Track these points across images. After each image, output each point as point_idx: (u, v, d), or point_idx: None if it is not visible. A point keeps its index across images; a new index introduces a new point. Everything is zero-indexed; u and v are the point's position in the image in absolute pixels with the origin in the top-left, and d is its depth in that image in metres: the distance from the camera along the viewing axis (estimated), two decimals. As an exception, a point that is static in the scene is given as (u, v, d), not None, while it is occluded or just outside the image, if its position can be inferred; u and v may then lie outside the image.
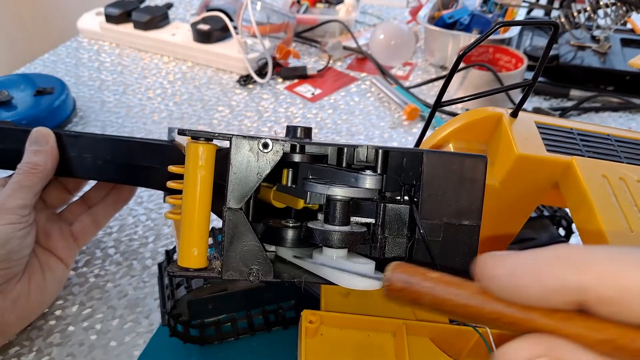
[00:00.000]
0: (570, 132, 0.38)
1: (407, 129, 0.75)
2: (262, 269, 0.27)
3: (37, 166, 0.42)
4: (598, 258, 0.17)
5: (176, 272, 0.26)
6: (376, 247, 0.28)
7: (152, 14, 0.91)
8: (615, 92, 0.79)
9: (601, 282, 0.17)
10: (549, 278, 0.18)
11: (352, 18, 0.98)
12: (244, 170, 0.26)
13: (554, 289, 0.18)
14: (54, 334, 0.46)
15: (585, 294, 0.17)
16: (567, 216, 0.50)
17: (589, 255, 0.17)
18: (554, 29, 0.32)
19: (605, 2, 0.75)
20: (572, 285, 0.17)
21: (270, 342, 0.45)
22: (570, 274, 0.17)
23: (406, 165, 0.28)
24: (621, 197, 0.33)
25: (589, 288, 0.17)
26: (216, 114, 0.77)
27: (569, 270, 0.17)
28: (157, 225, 0.57)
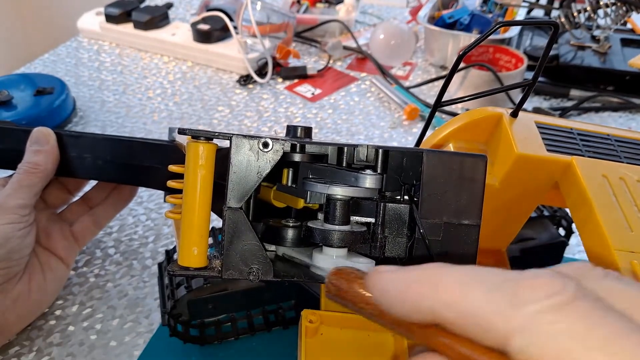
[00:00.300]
0: (570, 132, 0.38)
1: (407, 129, 0.75)
2: (262, 268, 0.27)
3: (37, 166, 0.42)
4: (449, 282, 0.18)
5: (176, 271, 0.26)
6: (376, 246, 0.28)
7: (152, 14, 0.92)
8: (615, 92, 0.79)
9: (446, 307, 0.18)
10: (408, 299, 0.19)
11: (352, 18, 0.98)
12: (244, 169, 0.26)
13: (413, 310, 0.19)
14: (54, 334, 0.46)
15: (436, 316, 0.18)
16: (567, 216, 0.50)
17: (441, 278, 0.18)
18: (554, 29, 0.32)
19: (605, 2, 0.75)
20: (425, 307, 0.18)
21: (270, 342, 0.45)
22: (423, 297, 0.18)
23: (406, 165, 0.28)
24: (621, 197, 0.33)
25: (437, 311, 0.18)
26: (216, 114, 0.77)
27: (423, 294, 0.18)
28: (157, 225, 0.57)
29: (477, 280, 0.18)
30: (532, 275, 0.17)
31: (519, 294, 0.16)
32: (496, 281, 0.17)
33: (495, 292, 0.17)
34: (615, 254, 0.29)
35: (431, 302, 0.18)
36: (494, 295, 0.17)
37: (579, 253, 0.53)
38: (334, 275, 0.22)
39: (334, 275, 0.22)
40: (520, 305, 0.16)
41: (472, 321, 0.17)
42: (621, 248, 0.29)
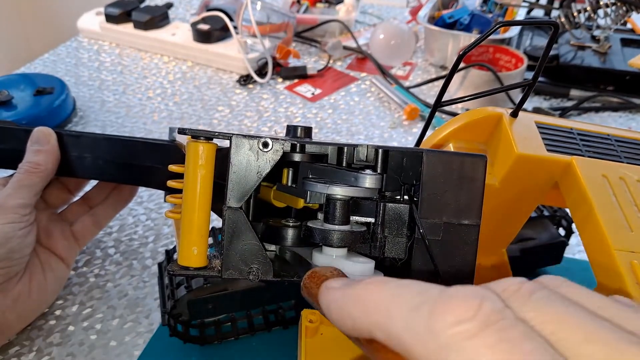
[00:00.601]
0: (570, 132, 0.38)
1: (407, 128, 0.75)
2: (262, 268, 0.27)
3: (38, 166, 0.42)
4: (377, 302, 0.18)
5: (176, 271, 0.26)
6: (376, 246, 0.28)
7: (152, 14, 0.92)
8: (615, 92, 0.79)
9: (376, 328, 0.18)
10: (346, 318, 0.19)
11: (352, 18, 0.98)
12: (244, 169, 0.26)
13: (351, 328, 0.19)
14: (54, 334, 0.46)
15: (371, 335, 0.18)
16: (567, 216, 0.50)
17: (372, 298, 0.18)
18: (554, 29, 0.32)
19: (605, 2, 0.75)
20: (360, 327, 0.19)
21: (270, 342, 0.45)
22: (358, 317, 0.19)
23: (406, 165, 0.28)
24: (621, 197, 0.33)
25: (371, 331, 0.18)
26: (216, 114, 0.77)
27: (358, 313, 0.19)
28: (157, 225, 0.57)
29: (401, 301, 0.17)
30: (447, 298, 0.16)
31: (434, 318, 0.16)
32: (416, 302, 0.17)
33: (414, 315, 0.17)
34: (615, 253, 0.29)
35: (365, 322, 0.18)
36: (413, 319, 0.17)
37: (579, 253, 0.53)
38: (307, 278, 0.23)
39: (307, 277, 0.23)
40: (435, 330, 0.16)
41: (397, 343, 0.17)
42: (621, 248, 0.29)
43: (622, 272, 0.28)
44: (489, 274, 0.43)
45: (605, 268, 0.30)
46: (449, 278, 0.27)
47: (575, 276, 0.52)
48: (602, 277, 0.30)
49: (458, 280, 0.27)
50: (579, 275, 0.50)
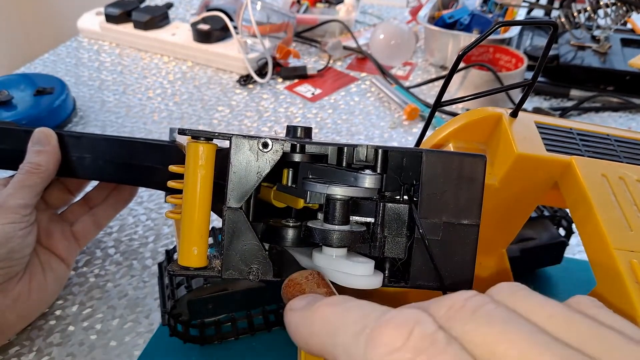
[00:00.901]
0: (570, 132, 0.38)
1: (407, 129, 0.75)
2: (262, 268, 0.27)
3: (39, 166, 0.42)
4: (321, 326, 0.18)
5: (176, 271, 0.27)
6: (376, 246, 0.28)
7: (152, 14, 0.92)
8: (615, 92, 0.79)
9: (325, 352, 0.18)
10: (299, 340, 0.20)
11: (352, 18, 0.98)
12: (243, 169, 0.26)
13: (306, 349, 0.19)
14: (54, 334, 0.46)
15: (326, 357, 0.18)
16: (567, 216, 0.50)
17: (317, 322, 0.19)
18: (554, 29, 0.32)
19: (605, 2, 0.75)
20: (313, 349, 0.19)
21: (270, 342, 0.45)
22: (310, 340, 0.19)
23: (406, 165, 0.28)
24: (621, 197, 0.33)
25: (322, 354, 0.18)
26: (216, 114, 0.77)
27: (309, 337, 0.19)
28: (157, 225, 0.57)
29: (344, 327, 0.17)
30: (383, 323, 0.16)
31: (369, 348, 0.16)
32: (357, 329, 0.17)
33: (354, 341, 0.17)
34: (614, 253, 0.29)
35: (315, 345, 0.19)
36: (353, 345, 0.17)
37: (579, 253, 0.53)
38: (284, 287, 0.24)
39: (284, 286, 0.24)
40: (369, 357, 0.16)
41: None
42: (621, 247, 0.29)
43: (621, 271, 0.28)
44: (489, 274, 0.43)
45: (605, 268, 0.30)
46: (448, 278, 0.27)
47: (575, 276, 0.52)
48: (602, 276, 0.30)
49: (458, 280, 0.27)
50: (579, 275, 0.51)
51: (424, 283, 0.27)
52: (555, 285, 0.50)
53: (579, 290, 0.50)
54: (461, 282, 0.27)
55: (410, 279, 0.27)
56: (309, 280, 0.23)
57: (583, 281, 0.50)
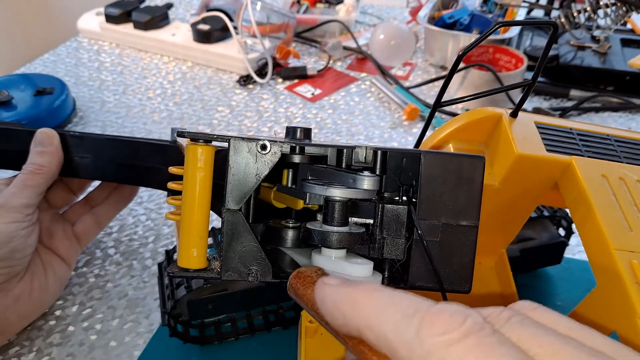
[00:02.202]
0: (569, 132, 0.38)
1: (407, 129, 0.75)
2: (261, 269, 0.27)
3: (42, 167, 0.42)
4: (372, 305, 0.20)
5: (176, 272, 0.27)
6: (375, 247, 0.28)
7: (152, 14, 0.92)
8: (615, 92, 0.79)
9: (366, 328, 0.20)
10: (339, 314, 0.21)
11: (352, 18, 0.98)
12: (242, 171, 0.26)
13: (343, 324, 0.21)
14: (54, 334, 0.46)
15: (360, 334, 0.20)
16: (567, 216, 0.50)
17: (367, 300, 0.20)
18: (554, 29, 0.32)
19: (605, 2, 0.75)
20: (352, 324, 0.20)
21: (270, 342, 0.45)
22: (350, 315, 0.20)
23: (405, 166, 0.28)
24: (621, 197, 0.33)
25: (361, 330, 0.20)
26: (216, 114, 0.77)
27: (351, 312, 0.20)
28: (157, 225, 0.57)
29: (395, 308, 0.19)
30: (438, 309, 0.18)
31: (423, 327, 0.18)
32: (409, 312, 0.19)
33: (405, 322, 0.19)
34: (614, 253, 0.29)
35: (357, 321, 0.20)
36: (404, 325, 0.19)
37: (579, 253, 0.53)
38: (293, 278, 0.24)
39: (293, 277, 0.24)
40: (422, 337, 0.18)
41: (385, 345, 0.19)
42: (621, 248, 0.29)
43: (621, 271, 0.28)
44: (489, 274, 0.43)
45: (604, 268, 0.30)
46: (447, 279, 0.27)
47: (575, 276, 0.52)
48: (602, 276, 0.30)
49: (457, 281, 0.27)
50: (579, 275, 0.51)
51: (423, 284, 0.27)
52: (555, 285, 0.50)
53: (579, 290, 0.50)
54: (460, 283, 0.27)
55: (409, 280, 0.27)
56: (318, 274, 0.23)
57: (583, 281, 0.50)
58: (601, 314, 0.30)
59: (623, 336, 0.28)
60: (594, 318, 0.31)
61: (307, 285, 0.23)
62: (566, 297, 0.49)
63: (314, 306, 0.22)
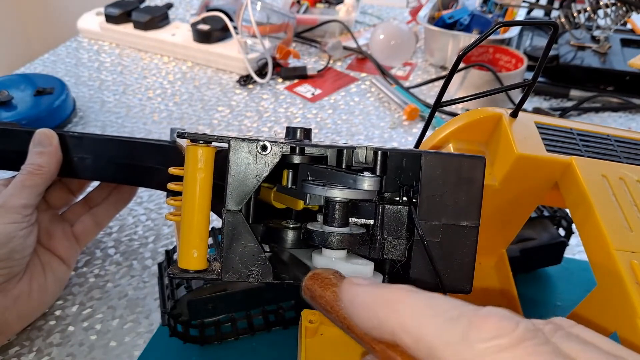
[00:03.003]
0: (570, 132, 0.38)
1: (407, 129, 0.75)
2: (262, 270, 0.27)
3: (41, 167, 0.42)
4: (411, 308, 0.19)
5: (176, 274, 0.27)
6: (375, 248, 0.28)
7: (152, 14, 0.92)
8: (615, 92, 0.79)
9: (403, 330, 0.19)
10: (373, 316, 0.20)
11: (352, 18, 0.98)
12: (242, 172, 0.26)
13: (375, 326, 0.20)
14: (54, 334, 0.46)
15: (395, 337, 0.19)
16: (567, 216, 0.50)
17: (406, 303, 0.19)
18: (554, 29, 0.32)
19: (605, 2, 0.75)
20: (386, 327, 0.19)
21: (270, 342, 0.45)
22: (386, 317, 0.19)
23: (405, 166, 0.28)
24: (621, 197, 0.33)
25: (397, 333, 0.19)
26: (216, 114, 0.77)
27: (385, 314, 0.20)
28: (157, 226, 0.57)
29: (436, 310, 0.19)
30: (486, 313, 0.18)
31: (471, 331, 0.17)
32: (453, 315, 0.18)
33: (450, 325, 0.18)
34: (614, 253, 0.29)
35: (393, 323, 0.19)
36: (448, 328, 0.18)
37: (579, 253, 0.53)
38: (309, 280, 0.23)
39: (309, 279, 0.23)
40: (470, 341, 0.17)
41: (426, 349, 0.18)
42: (621, 248, 0.29)
43: (621, 272, 0.28)
44: (489, 274, 0.43)
45: (605, 268, 0.30)
46: (448, 279, 0.27)
47: (575, 276, 0.52)
48: (602, 277, 0.30)
49: (457, 282, 0.27)
50: (579, 276, 0.51)
51: (424, 285, 0.27)
52: (555, 285, 0.50)
53: (579, 290, 0.50)
54: (461, 284, 0.27)
55: (409, 281, 0.27)
56: (337, 278, 0.23)
57: (583, 281, 0.50)
58: (601, 315, 0.30)
59: (623, 337, 0.28)
60: (594, 318, 0.31)
61: (325, 287, 0.22)
62: (566, 297, 0.49)
63: (333, 308, 0.22)
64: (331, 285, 0.22)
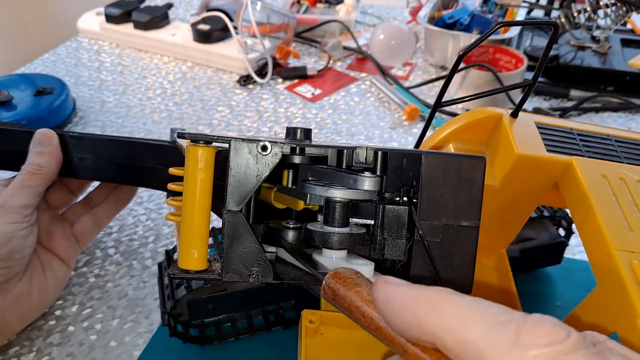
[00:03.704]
0: (570, 132, 0.38)
1: (407, 129, 0.75)
2: (262, 270, 0.27)
3: (41, 168, 0.42)
4: (456, 310, 0.19)
5: (177, 274, 0.27)
6: (375, 248, 0.28)
7: (152, 14, 0.92)
8: (615, 92, 0.79)
9: (447, 333, 0.18)
10: (413, 316, 0.19)
11: (352, 18, 0.98)
12: (243, 172, 0.26)
13: (414, 327, 0.19)
14: (54, 334, 0.46)
15: (435, 339, 0.19)
16: (567, 216, 0.50)
17: (450, 305, 0.19)
18: (554, 29, 0.32)
19: (605, 3, 0.75)
20: (427, 328, 0.19)
21: (270, 342, 0.45)
22: (428, 318, 0.19)
23: (405, 166, 0.28)
24: (621, 197, 0.33)
25: (439, 335, 0.18)
26: (216, 114, 0.77)
27: (426, 315, 0.19)
28: (157, 225, 0.57)
29: (483, 314, 0.18)
30: (537, 320, 0.17)
31: (522, 336, 0.17)
32: (502, 319, 0.18)
33: (499, 329, 0.17)
34: (615, 254, 0.29)
35: (435, 325, 0.19)
36: (498, 332, 0.17)
37: (579, 253, 0.53)
38: (331, 278, 0.22)
39: (331, 277, 0.22)
40: (522, 346, 0.17)
41: (472, 353, 0.18)
42: (621, 248, 0.29)
43: (622, 272, 0.28)
44: (489, 274, 0.43)
45: (605, 268, 0.30)
46: (448, 280, 0.27)
47: (575, 276, 0.52)
48: (602, 277, 0.30)
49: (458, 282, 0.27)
50: (579, 276, 0.51)
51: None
52: (555, 285, 0.50)
53: (579, 290, 0.50)
54: (461, 284, 0.27)
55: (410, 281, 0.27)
56: (359, 278, 0.22)
57: (583, 281, 0.50)
58: (601, 315, 0.30)
59: (623, 337, 0.28)
60: (594, 319, 0.31)
61: (349, 286, 0.22)
62: (566, 297, 0.49)
63: (358, 308, 0.21)
64: (355, 285, 0.22)
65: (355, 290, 0.22)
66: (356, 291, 0.22)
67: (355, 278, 0.22)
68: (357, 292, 0.22)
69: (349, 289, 0.22)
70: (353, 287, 0.22)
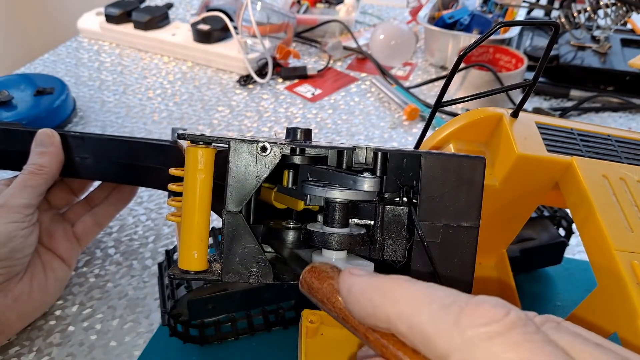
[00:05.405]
0: (570, 132, 0.38)
1: (407, 129, 0.75)
2: (262, 271, 0.27)
3: (42, 167, 0.42)
4: (406, 296, 0.19)
5: (177, 275, 0.27)
6: (375, 248, 0.28)
7: (152, 14, 0.92)
8: (615, 92, 0.79)
9: (399, 318, 0.19)
10: (369, 304, 0.20)
11: (352, 18, 0.98)
12: (242, 173, 0.26)
13: (371, 314, 0.20)
14: (54, 334, 0.46)
15: (389, 324, 0.19)
16: (567, 216, 0.50)
17: (401, 291, 0.20)
18: (555, 29, 0.32)
19: (605, 2, 0.75)
20: (381, 315, 0.20)
21: (270, 342, 0.45)
22: (382, 304, 0.20)
23: (405, 167, 0.28)
24: (621, 197, 0.33)
25: (392, 321, 0.19)
26: (216, 114, 0.77)
27: (381, 301, 0.20)
28: (157, 225, 0.57)
29: (430, 299, 0.19)
30: (477, 301, 0.18)
31: (462, 318, 0.18)
32: (446, 302, 0.18)
33: (442, 312, 0.18)
34: (615, 254, 0.29)
35: (388, 311, 0.19)
36: (441, 315, 0.18)
37: (579, 253, 0.53)
38: (307, 273, 0.23)
39: (307, 272, 0.23)
40: (462, 327, 0.17)
41: (420, 335, 0.18)
42: (621, 248, 0.29)
43: (622, 272, 0.28)
44: (489, 274, 0.43)
45: (605, 268, 0.30)
46: (448, 280, 0.27)
47: (575, 276, 0.52)
48: (603, 277, 0.30)
49: (458, 283, 0.27)
50: (579, 276, 0.51)
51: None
52: (555, 285, 0.50)
53: (579, 290, 0.50)
54: (461, 285, 0.27)
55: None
56: (333, 271, 0.23)
57: (583, 281, 0.50)
58: (602, 315, 0.30)
59: (623, 337, 0.28)
60: (594, 319, 0.31)
61: (322, 279, 0.23)
62: (566, 297, 0.49)
63: (329, 299, 0.22)
64: (328, 277, 0.23)
65: (328, 283, 0.22)
66: (329, 283, 0.22)
67: (329, 271, 0.23)
68: (329, 284, 0.22)
69: (322, 282, 0.23)
70: (326, 280, 0.23)
